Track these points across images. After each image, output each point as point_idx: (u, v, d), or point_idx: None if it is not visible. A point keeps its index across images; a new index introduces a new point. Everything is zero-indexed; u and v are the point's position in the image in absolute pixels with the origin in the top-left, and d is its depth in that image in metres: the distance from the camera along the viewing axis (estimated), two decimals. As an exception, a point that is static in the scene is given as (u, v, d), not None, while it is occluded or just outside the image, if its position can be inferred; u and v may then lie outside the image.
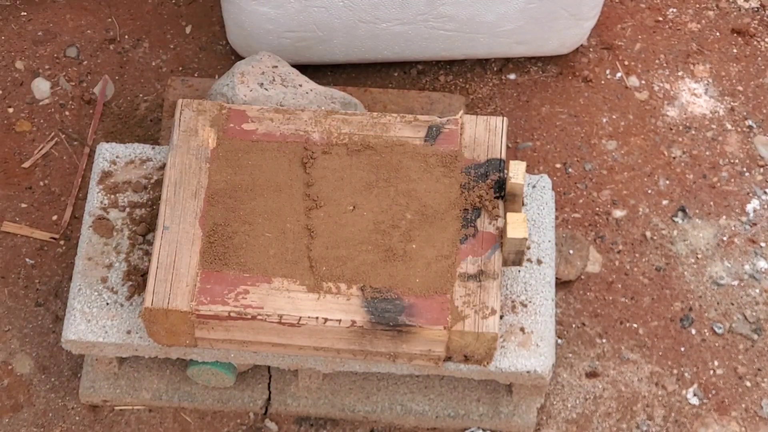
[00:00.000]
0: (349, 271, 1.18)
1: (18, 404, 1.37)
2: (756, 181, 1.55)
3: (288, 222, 1.19)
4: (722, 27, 1.69)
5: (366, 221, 1.18)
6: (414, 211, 1.19)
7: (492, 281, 1.19)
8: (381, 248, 1.18)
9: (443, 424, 1.34)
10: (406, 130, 1.21)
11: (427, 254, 1.18)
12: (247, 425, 1.36)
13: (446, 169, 1.20)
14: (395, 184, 1.19)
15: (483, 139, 1.22)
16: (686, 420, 1.38)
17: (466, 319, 1.17)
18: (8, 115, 1.58)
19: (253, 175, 1.20)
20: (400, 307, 1.17)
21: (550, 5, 1.49)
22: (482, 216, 1.20)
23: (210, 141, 1.20)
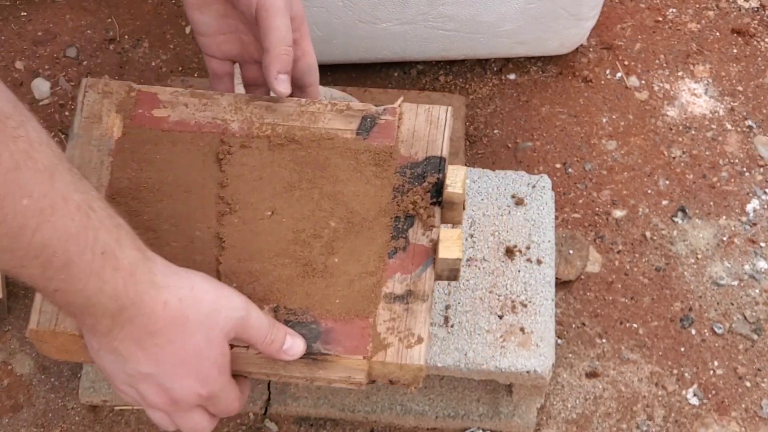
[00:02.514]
0: (262, 288, 1.02)
1: (18, 404, 1.37)
2: (756, 181, 1.55)
3: (197, 229, 1.03)
4: (722, 27, 1.69)
5: (284, 229, 1.03)
6: (339, 219, 1.04)
7: (421, 304, 1.02)
8: (299, 262, 1.02)
9: (443, 424, 1.34)
10: (336, 121, 1.07)
11: (351, 270, 1.02)
12: (247, 425, 1.36)
13: (379, 168, 1.06)
14: (320, 185, 1.05)
15: (423, 133, 1.07)
16: (686, 420, 1.38)
17: (388, 348, 1.01)
18: (8, 115, 1.58)
19: (161, 172, 1.04)
20: (316, 332, 1.01)
21: (550, 5, 1.49)
22: (415, 225, 1.04)
23: (115, 129, 1.05)
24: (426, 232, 1.05)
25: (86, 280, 0.82)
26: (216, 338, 0.91)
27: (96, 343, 0.90)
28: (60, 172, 0.79)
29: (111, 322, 0.86)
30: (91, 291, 0.83)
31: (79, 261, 0.81)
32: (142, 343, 0.88)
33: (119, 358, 0.89)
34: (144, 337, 0.87)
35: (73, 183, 0.81)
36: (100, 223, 0.82)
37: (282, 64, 1.06)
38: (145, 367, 0.89)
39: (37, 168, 0.77)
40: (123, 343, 0.88)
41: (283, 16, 1.05)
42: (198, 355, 0.90)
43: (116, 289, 0.84)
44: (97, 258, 0.82)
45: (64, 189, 0.79)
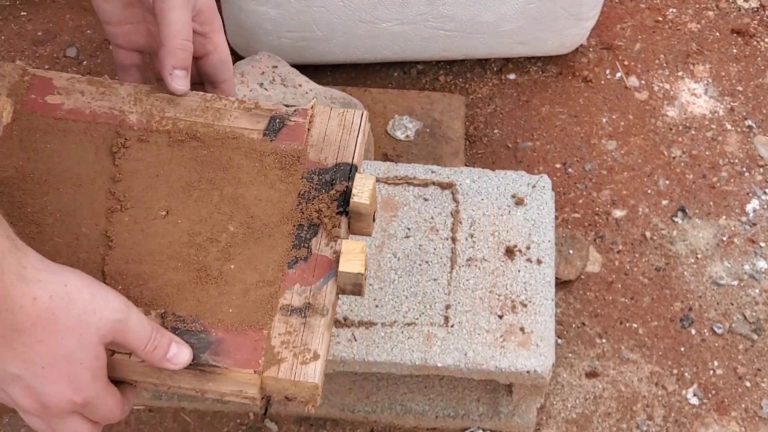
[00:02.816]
0: (150, 292, 0.96)
1: (18, 404, 1.37)
2: (756, 181, 1.55)
3: (84, 226, 0.97)
4: (722, 27, 1.69)
5: (179, 231, 0.98)
6: (239, 223, 0.98)
7: (320, 318, 0.97)
8: (193, 267, 0.97)
9: (443, 424, 1.34)
10: (242, 120, 1.01)
11: (247, 278, 0.97)
12: (247, 425, 1.36)
13: (284, 172, 1.00)
14: (221, 186, 0.99)
15: (335, 138, 1.01)
16: (686, 420, 1.38)
17: (282, 363, 0.95)
18: (8, 115, 1.58)
19: (49, 162, 0.98)
20: (206, 342, 0.96)
21: (550, 5, 1.49)
22: (319, 235, 0.99)
23: (4, 114, 0.98)
24: (330, 242, 0.99)
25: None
26: (90, 341, 0.85)
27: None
28: None
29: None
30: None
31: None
32: (9, 341, 0.82)
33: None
34: (11, 335, 0.81)
35: None
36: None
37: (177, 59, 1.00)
38: (13, 367, 0.83)
39: None
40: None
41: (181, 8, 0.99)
42: (69, 358, 0.84)
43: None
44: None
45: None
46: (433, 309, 1.25)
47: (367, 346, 1.23)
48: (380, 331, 1.23)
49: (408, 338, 1.23)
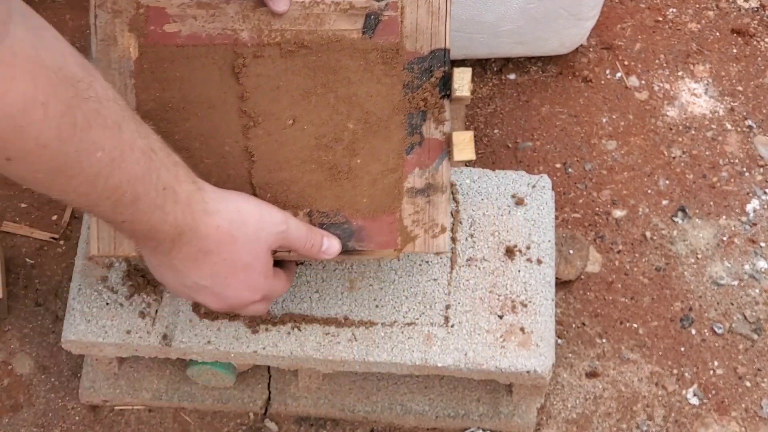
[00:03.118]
0: (294, 195, 1.09)
1: (18, 404, 1.37)
2: (756, 181, 1.55)
3: (226, 145, 1.08)
4: (722, 27, 1.69)
5: (307, 136, 1.09)
6: (356, 120, 1.09)
7: (441, 195, 1.10)
8: (325, 166, 1.09)
9: (443, 424, 1.34)
10: (341, 22, 1.08)
11: (373, 169, 1.09)
12: (247, 425, 1.36)
13: (387, 66, 1.08)
14: (334, 88, 1.08)
15: (426, 26, 1.08)
16: (686, 420, 1.38)
17: (416, 239, 1.11)
18: (8, 115, 1.58)
19: (182, 90, 1.07)
20: (349, 231, 1.10)
21: (550, 5, 1.49)
22: (428, 120, 1.10)
23: (132, 50, 1.06)
24: (438, 126, 1.10)
25: (151, 214, 0.93)
26: (261, 251, 1.03)
27: (156, 261, 1.02)
28: (126, 122, 0.88)
29: (171, 245, 0.98)
30: (155, 222, 0.94)
31: (144, 198, 0.91)
32: (198, 261, 1.00)
33: (178, 274, 1.01)
34: (200, 256, 0.99)
35: (137, 131, 0.90)
36: (160, 163, 0.92)
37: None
38: (202, 280, 1.02)
39: (107, 123, 0.86)
40: (182, 262, 1.00)
41: None
42: (246, 268, 1.03)
43: (176, 218, 0.95)
44: (159, 194, 0.92)
45: (130, 138, 0.89)
46: (433, 309, 1.25)
47: (367, 346, 1.23)
48: (380, 331, 1.23)
49: (408, 338, 1.23)
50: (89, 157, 0.85)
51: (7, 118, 0.78)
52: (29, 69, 0.79)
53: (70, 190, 0.87)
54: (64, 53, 0.83)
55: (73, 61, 0.84)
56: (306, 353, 1.22)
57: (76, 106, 0.83)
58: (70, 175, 0.85)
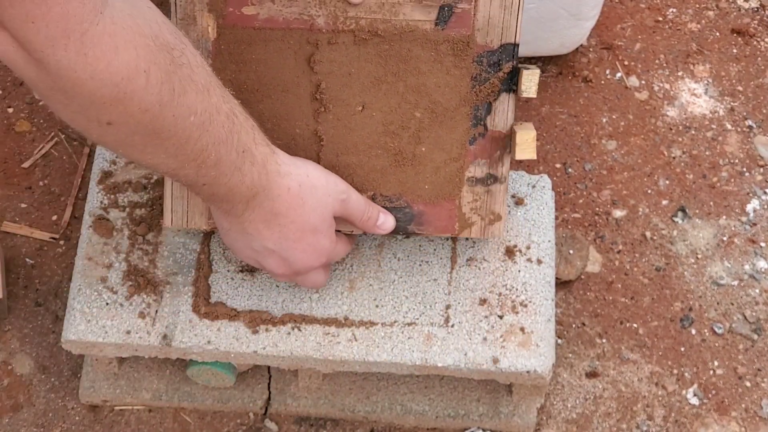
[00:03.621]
0: (359, 178, 1.15)
1: (18, 404, 1.37)
2: (756, 181, 1.55)
3: (297, 127, 1.14)
4: (722, 27, 1.69)
5: (375, 123, 1.13)
6: (423, 109, 1.13)
7: (499, 185, 1.17)
8: (390, 152, 1.14)
9: (443, 424, 1.34)
10: (416, 13, 1.10)
11: (436, 157, 1.15)
12: (247, 425, 1.36)
13: (457, 58, 1.11)
14: (404, 78, 1.12)
15: (498, 20, 1.10)
16: (686, 420, 1.38)
17: (473, 226, 1.19)
18: (8, 115, 1.58)
19: (257, 72, 1.12)
20: (410, 215, 1.18)
21: (550, 5, 1.49)
22: (492, 112, 1.13)
23: (210, 30, 1.10)
24: (503, 119, 1.14)
25: (230, 175, 0.98)
26: (327, 216, 1.09)
27: (227, 224, 1.07)
28: (213, 87, 0.94)
29: (244, 206, 1.03)
30: (233, 183, 0.99)
31: (226, 160, 0.97)
32: (268, 223, 1.05)
33: (247, 237, 1.07)
34: (270, 218, 1.05)
35: (222, 95, 0.95)
36: (240, 127, 0.98)
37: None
38: (271, 243, 1.07)
39: (198, 89, 0.91)
40: (252, 224, 1.05)
41: None
42: (314, 231, 1.08)
43: (252, 179, 1.00)
44: (239, 156, 0.98)
45: (217, 101, 0.94)
46: (433, 309, 1.25)
47: (367, 346, 1.23)
48: (380, 331, 1.23)
49: (408, 338, 1.23)
50: (184, 121, 0.89)
51: (112, 86, 0.82)
52: (130, 38, 0.82)
53: (161, 152, 0.91)
54: (158, 21, 0.87)
55: (166, 29, 0.87)
56: (306, 353, 1.22)
57: (173, 72, 0.87)
58: (164, 137, 0.90)
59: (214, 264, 1.27)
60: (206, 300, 1.24)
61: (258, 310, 1.24)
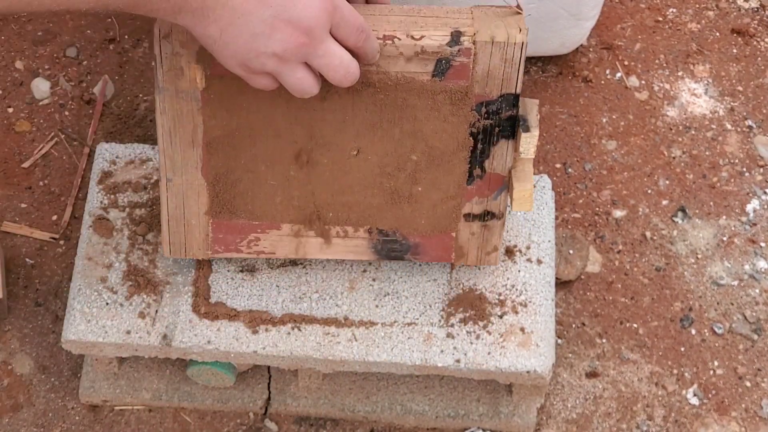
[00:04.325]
0: (356, 215, 1.15)
1: (18, 404, 1.37)
2: (756, 181, 1.55)
3: (291, 169, 1.12)
4: (722, 27, 1.69)
5: (371, 165, 1.12)
6: (420, 153, 1.11)
7: (497, 221, 1.17)
8: (386, 191, 1.14)
9: (443, 424, 1.34)
10: (412, 65, 1.07)
11: (433, 196, 1.14)
12: (247, 425, 1.36)
13: (455, 107, 1.09)
14: (400, 124, 1.10)
15: (498, 72, 1.07)
16: (686, 420, 1.38)
17: (468, 255, 1.20)
18: (8, 115, 1.58)
19: (249, 119, 1.09)
20: (406, 246, 1.19)
21: (550, 5, 1.49)
22: (491, 156, 1.12)
23: (198, 80, 1.06)
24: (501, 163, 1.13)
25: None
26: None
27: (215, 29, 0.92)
28: None
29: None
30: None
31: None
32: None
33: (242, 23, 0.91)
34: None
35: None
36: None
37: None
38: (266, 9, 0.91)
39: None
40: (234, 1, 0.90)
41: None
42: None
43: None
44: None
45: None
46: (433, 309, 1.25)
47: (367, 346, 1.23)
48: (380, 331, 1.23)
49: (408, 338, 1.23)
50: None
51: None
52: None
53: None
54: None
55: None
56: (306, 353, 1.22)
57: None
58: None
59: (214, 264, 1.27)
60: (206, 300, 1.24)
61: (258, 310, 1.24)
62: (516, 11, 1.07)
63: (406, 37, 1.05)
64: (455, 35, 1.05)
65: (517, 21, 1.06)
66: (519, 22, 1.06)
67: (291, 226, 1.18)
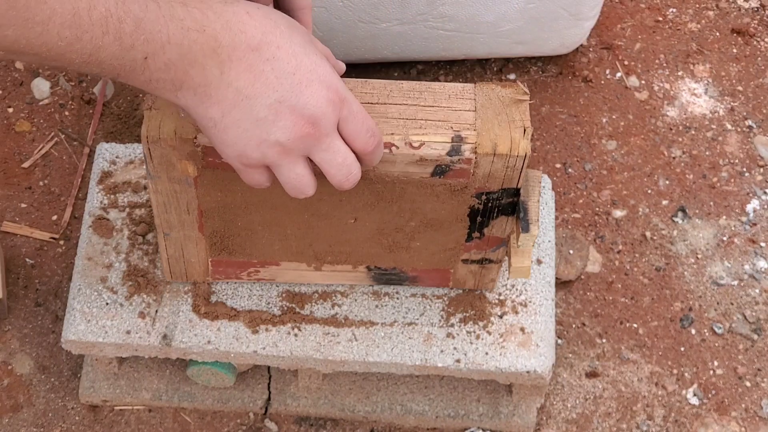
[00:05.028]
0: (354, 258, 1.17)
1: (18, 404, 1.37)
2: (756, 181, 1.55)
3: (289, 229, 1.11)
4: (722, 27, 1.69)
5: (368, 229, 1.11)
6: (418, 221, 1.09)
7: (495, 264, 1.18)
8: (384, 245, 1.14)
9: (443, 424, 1.34)
10: (411, 167, 1.03)
11: (431, 248, 1.15)
12: (247, 425, 1.36)
13: (454, 195, 1.06)
14: (399, 203, 1.08)
15: (499, 174, 1.04)
16: (686, 420, 1.38)
17: (467, 282, 1.21)
18: (8, 115, 1.58)
19: (244, 196, 1.07)
20: (405, 277, 1.21)
21: (550, 5, 1.49)
22: (490, 226, 1.10)
23: (190, 171, 1.05)
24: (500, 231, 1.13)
25: (165, 29, 0.80)
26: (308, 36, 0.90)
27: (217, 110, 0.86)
28: None
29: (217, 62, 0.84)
30: (176, 37, 0.81)
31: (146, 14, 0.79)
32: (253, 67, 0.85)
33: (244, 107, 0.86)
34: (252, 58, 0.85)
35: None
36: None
37: None
38: (272, 93, 0.86)
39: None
40: (240, 80, 0.85)
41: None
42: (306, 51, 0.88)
43: (196, 20, 0.82)
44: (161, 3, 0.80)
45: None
46: (433, 309, 1.25)
47: (367, 346, 1.23)
48: (380, 331, 1.23)
49: (408, 338, 1.23)
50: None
51: None
52: None
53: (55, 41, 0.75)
54: None
55: None
56: (306, 353, 1.22)
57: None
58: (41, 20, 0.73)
59: (214, 264, 1.27)
60: (206, 300, 1.24)
61: (258, 310, 1.24)
62: (523, 91, 1.02)
63: (404, 145, 1.00)
64: (456, 143, 1.01)
65: (522, 114, 1.02)
66: (524, 114, 1.02)
67: (289, 263, 1.20)
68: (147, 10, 0.79)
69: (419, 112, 1.01)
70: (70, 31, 0.75)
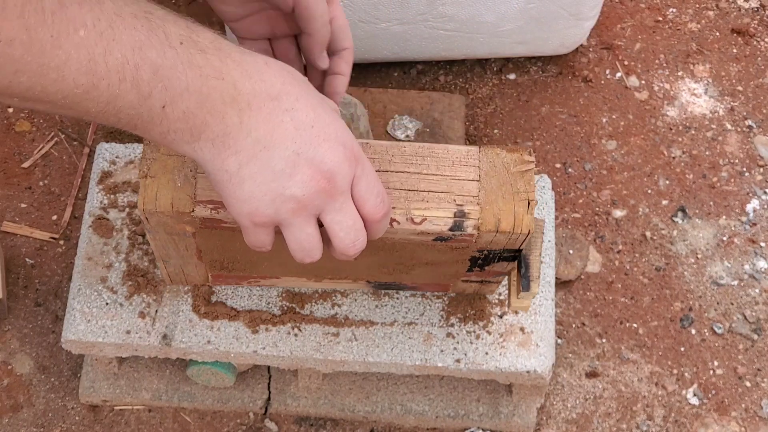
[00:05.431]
0: (355, 276, 1.18)
1: (18, 404, 1.37)
2: (756, 181, 1.55)
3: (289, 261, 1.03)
4: (722, 27, 1.69)
5: (369, 263, 1.11)
6: (418, 262, 1.08)
7: (495, 284, 1.19)
8: (384, 272, 1.14)
9: (443, 424, 1.34)
10: (412, 236, 1.02)
11: (431, 275, 1.15)
12: (247, 425, 1.36)
13: (456, 250, 1.05)
14: (399, 252, 1.07)
15: (502, 242, 1.02)
16: (686, 420, 1.38)
17: (468, 288, 1.21)
18: (8, 115, 1.58)
19: (243, 250, 1.05)
20: (405, 287, 1.22)
21: (550, 5, 1.49)
22: (490, 264, 1.09)
23: (188, 230, 1.04)
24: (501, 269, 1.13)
25: (184, 76, 0.79)
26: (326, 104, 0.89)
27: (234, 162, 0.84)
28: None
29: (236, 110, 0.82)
30: (195, 84, 0.80)
31: (164, 61, 0.78)
32: (273, 116, 0.84)
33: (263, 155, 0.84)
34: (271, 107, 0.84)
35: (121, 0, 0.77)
36: (163, 21, 0.79)
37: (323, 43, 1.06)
38: (290, 144, 0.84)
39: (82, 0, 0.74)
40: (259, 130, 0.83)
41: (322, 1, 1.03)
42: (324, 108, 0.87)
43: (215, 67, 0.81)
44: (179, 50, 0.79)
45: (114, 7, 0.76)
46: (432, 309, 1.25)
47: (367, 346, 1.23)
48: (380, 331, 1.23)
49: (408, 338, 1.23)
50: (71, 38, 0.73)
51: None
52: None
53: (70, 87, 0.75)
54: None
55: None
56: (306, 353, 1.22)
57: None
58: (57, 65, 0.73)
59: (214, 264, 1.27)
60: (206, 300, 1.24)
61: (258, 310, 1.24)
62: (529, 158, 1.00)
63: (406, 220, 0.98)
64: (458, 218, 0.99)
65: (527, 185, 0.99)
66: (528, 184, 0.99)
67: (289, 278, 1.21)
68: (165, 57, 0.78)
69: (421, 182, 0.99)
70: (86, 77, 0.74)
